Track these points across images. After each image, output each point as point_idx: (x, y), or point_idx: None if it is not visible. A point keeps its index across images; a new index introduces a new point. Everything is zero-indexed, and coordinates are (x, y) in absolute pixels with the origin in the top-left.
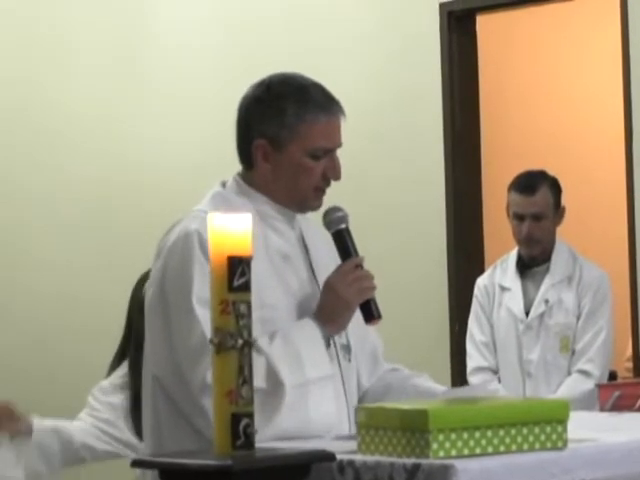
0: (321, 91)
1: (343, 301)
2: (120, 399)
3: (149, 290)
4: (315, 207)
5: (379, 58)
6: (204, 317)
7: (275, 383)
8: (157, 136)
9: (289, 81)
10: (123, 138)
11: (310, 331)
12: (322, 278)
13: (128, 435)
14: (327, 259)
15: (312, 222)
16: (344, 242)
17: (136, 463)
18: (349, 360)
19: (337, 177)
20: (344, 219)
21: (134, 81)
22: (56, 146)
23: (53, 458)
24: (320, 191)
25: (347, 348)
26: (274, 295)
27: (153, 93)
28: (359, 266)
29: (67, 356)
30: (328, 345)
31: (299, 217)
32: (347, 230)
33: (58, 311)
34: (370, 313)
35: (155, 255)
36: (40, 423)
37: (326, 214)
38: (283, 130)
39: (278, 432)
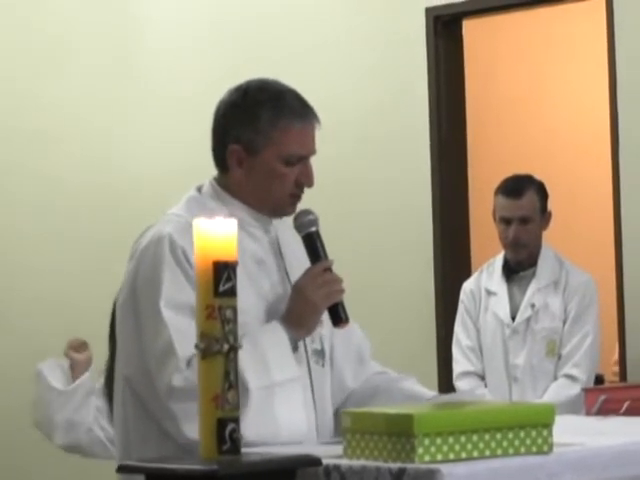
0: (297, 98)
1: (311, 304)
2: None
3: (121, 292)
4: (289, 213)
5: (366, 63)
6: (171, 320)
7: (240, 386)
8: (151, 142)
9: (266, 87)
10: (118, 144)
11: (277, 334)
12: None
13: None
14: (303, 263)
15: (288, 225)
16: (314, 245)
17: (122, 468)
18: (322, 365)
19: (310, 184)
20: (314, 222)
21: (126, 85)
22: (49, 152)
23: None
24: (295, 197)
25: (321, 353)
26: (247, 300)
27: (145, 96)
28: (328, 269)
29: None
30: (296, 348)
31: (275, 221)
32: (317, 233)
33: (51, 317)
34: (338, 316)
35: (129, 257)
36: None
37: (296, 217)
38: (258, 136)
39: (246, 435)
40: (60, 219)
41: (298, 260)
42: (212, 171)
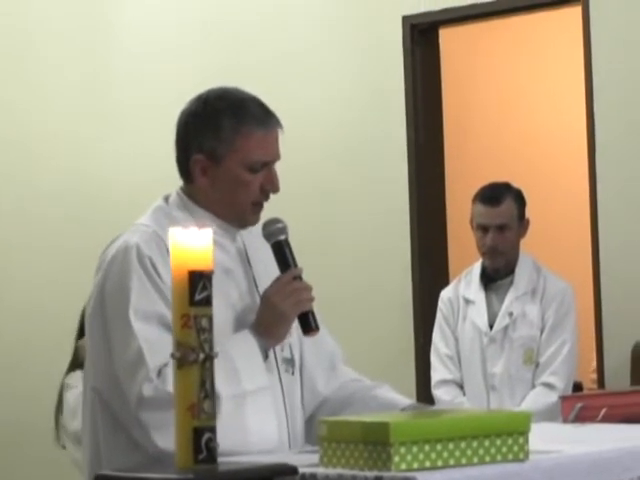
0: (258, 105)
1: (280, 313)
2: None
3: (89, 303)
4: (253, 222)
5: (343, 71)
6: (141, 330)
7: None
8: (124, 150)
9: (226, 95)
10: (90, 154)
11: (247, 343)
12: None
13: None
14: (272, 272)
15: (257, 234)
16: (283, 253)
17: (99, 478)
18: (292, 373)
19: (275, 190)
20: (283, 230)
21: (99, 94)
22: (25, 161)
23: None
24: (258, 205)
25: (290, 361)
26: (216, 310)
27: (118, 105)
28: (297, 278)
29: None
30: (266, 357)
31: (242, 230)
32: (286, 241)
33: (20, 324)
34: (308, 325)
35: (96, 268)
36: None
37: (265, 225)
38: (220, 144)
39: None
40: (33, 228)
41: (266, 269)
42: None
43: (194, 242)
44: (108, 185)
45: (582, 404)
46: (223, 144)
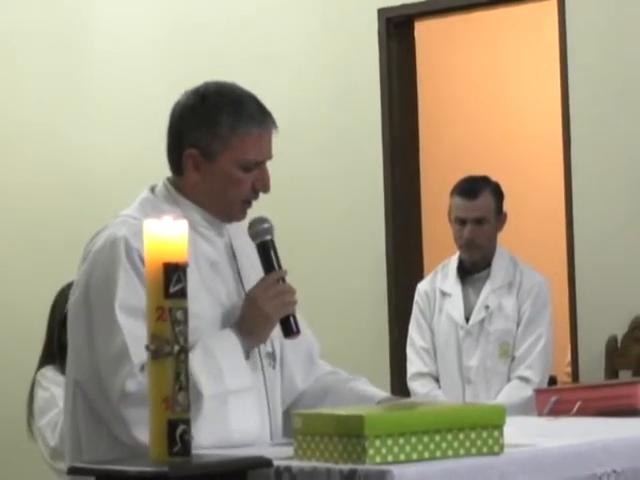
0: (255, 104)
1: (264, 315)
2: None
3: (73, 294)
4: (240, 218)
5: (318, 64)
6: (126, 325)
7: (193, 393)
8: (101, 143)
9: (224, 92)
10: (65, 145)
11: (230, 342)
12: (250, 287)
13: None
14: (257, 268)
15: (243, 229)
16: (267, 254)
17: (72, 470)
18: (273, 367)
19: (266, 189)
20: (269, 231)
21: (76, 88)
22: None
23: None
24: (247, 203)
25: (272, 355)
26: (201, 304)
27: (97, 100)
28: (282, 280)
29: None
30: (248, 356)
31: (229, 225)
32: (272, 242)
33: (4, 319)
34: (290, 328)
35: (81, 259)
36: None
37: (251, 225)
38: (215, 141)
39: (199, 442)
40: (5, 218)
41: (252, 265)
42: (166, 174)
43: (169, 233)
44: (83, 176)
45: (557, 398)
46: (218, 141)
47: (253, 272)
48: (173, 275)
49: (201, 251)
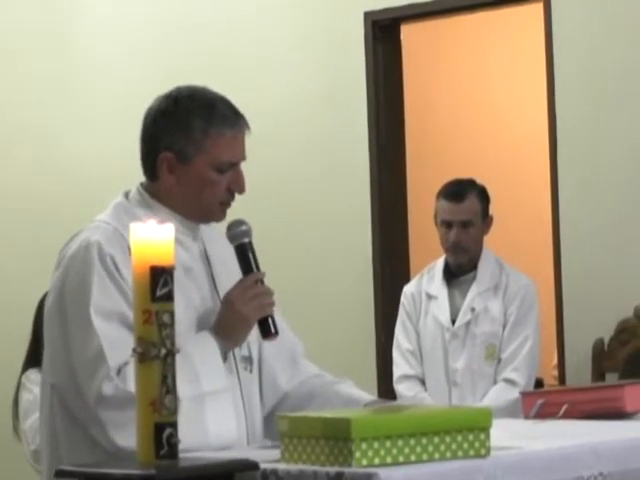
0: (227, 106)
1: (242, 317)
2: None
3: (48, 299)
4: (219, 219)
5: (304, 67)
6: (101, 328)
7: None
8: (86, 146)
9: (196, 95)
10: (60, 149)
11: (207, 344)
12: (224, 291)
13: None
14: (233, 272)
15: (219, 233)
16: (246, 256)
17: (59, 473)
18: (250, 371)
19: (241, 190)
20: (247, 233)
21: (63, 91)
22: None
23: None
24: (225, 205)
25: (248, 359)
26: (177, 310)
27: (90, 104)
28: (259, 282)
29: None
30: (225, 359)
31: (203, 229)
32: (250, 244)
33: None
34: (268, 330)
35: (55, 264)
36: None
37: (229, 227)
38: (189, 144)
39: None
40: (3, 224)
41: (227, 270)
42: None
43: (155, 237)
44: (78, 179)
45: (543, 400)
46: (192, 144)
47: (228, 277)
48: (160, 278)
49: (176, 257)
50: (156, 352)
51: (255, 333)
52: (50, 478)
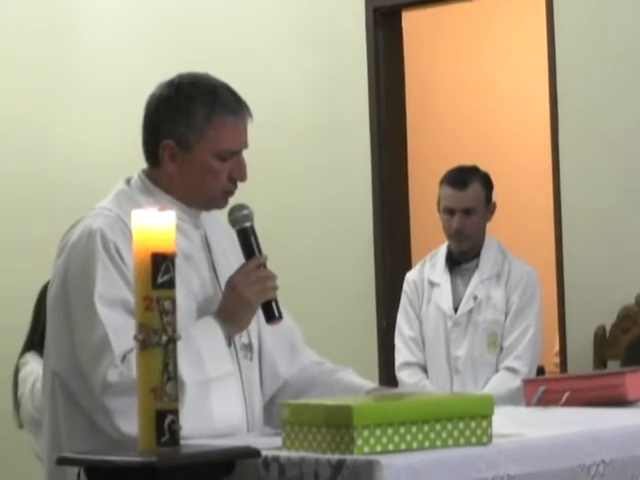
0: (230, 93)
1: (244, 301)
2: None
3: (51, 287)
4: (221, 206)
5: (305, 54)
6: (106, 316)
7: None
8: (82, 135)
9: (198, 82)
10: (56, 140)
11: (211, 329)
12: (225, 279)
13: None
14: (232, 258)
15: (218, 220)
16: (248, 241)
17: (61, 461)
18: (250, 359)
19: (243, 178)
20: (249, 217)
21: (60, 80)
22: None
23: None
24: (227, 193)
25: (249, 347)
26: (177, 296)
27: (79, 92)
28: (262, 266)
29: None
30: (230, 344)
31: (204, 216)
32: (252, 228)
33: None
34: (272, 314)
35: (57, 251)
36: None
37: (231, 212)
38: (191, 132)
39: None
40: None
41: (227, 256)
42: (141, 166)
43: (156, 224)
44: (74, 169)
45: (545, 388)
46: (194, 132)
47: (228, 264)
48: (161, 265)
49: (177, 244)
50: (157, 339)
51: (255, 320)
52: (51, 465)
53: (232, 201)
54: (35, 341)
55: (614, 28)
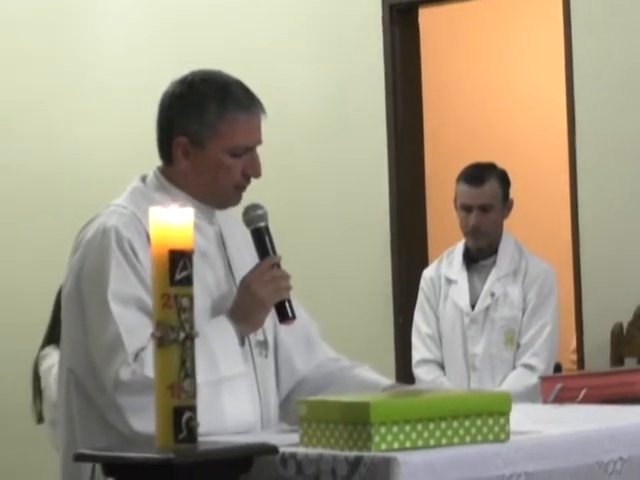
0: (242, 89)
1: (258, 300)
2: None
3: (65, 284)
4: (234, 204)
5: (322, 51)
6: (119, 314)
7: None
8: (92, 130)
9: (211, 79)
10: (58, 131)
11: (224, 329)
12: (240, 276)
13: None
14: (247, 256)
15: (233, 218)
16: (262, 240)
17: (79, 457)
18: (265, 356)
19: (257, 174)
20: (263, 217)
21: (70, 74)
22: None
23: None
24: (240, 189)
25: (264, 344)
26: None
27: (88, 87)
28: (276, 265)
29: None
30: (243, 343)
31: (219, 213)
32: (266, 228)
33: (4, 306)
34: (285, 313)
35: (72, 248)
36: None
37: (246, 212)
38: (204, 128)
39: None
40: (8, 210)
41: (241, 254)
42: (152, 163)
43: (175, 220)
44: (82, 163)
45: (562, 385)
46: (207, 128)
47: (242, 261)
48: (179, 262)
49: None
50: (175, 336)
51: (271, 318)
52: (67, 461)
53: (246, 199)
54: (54, 337)
55: (631, 27)
